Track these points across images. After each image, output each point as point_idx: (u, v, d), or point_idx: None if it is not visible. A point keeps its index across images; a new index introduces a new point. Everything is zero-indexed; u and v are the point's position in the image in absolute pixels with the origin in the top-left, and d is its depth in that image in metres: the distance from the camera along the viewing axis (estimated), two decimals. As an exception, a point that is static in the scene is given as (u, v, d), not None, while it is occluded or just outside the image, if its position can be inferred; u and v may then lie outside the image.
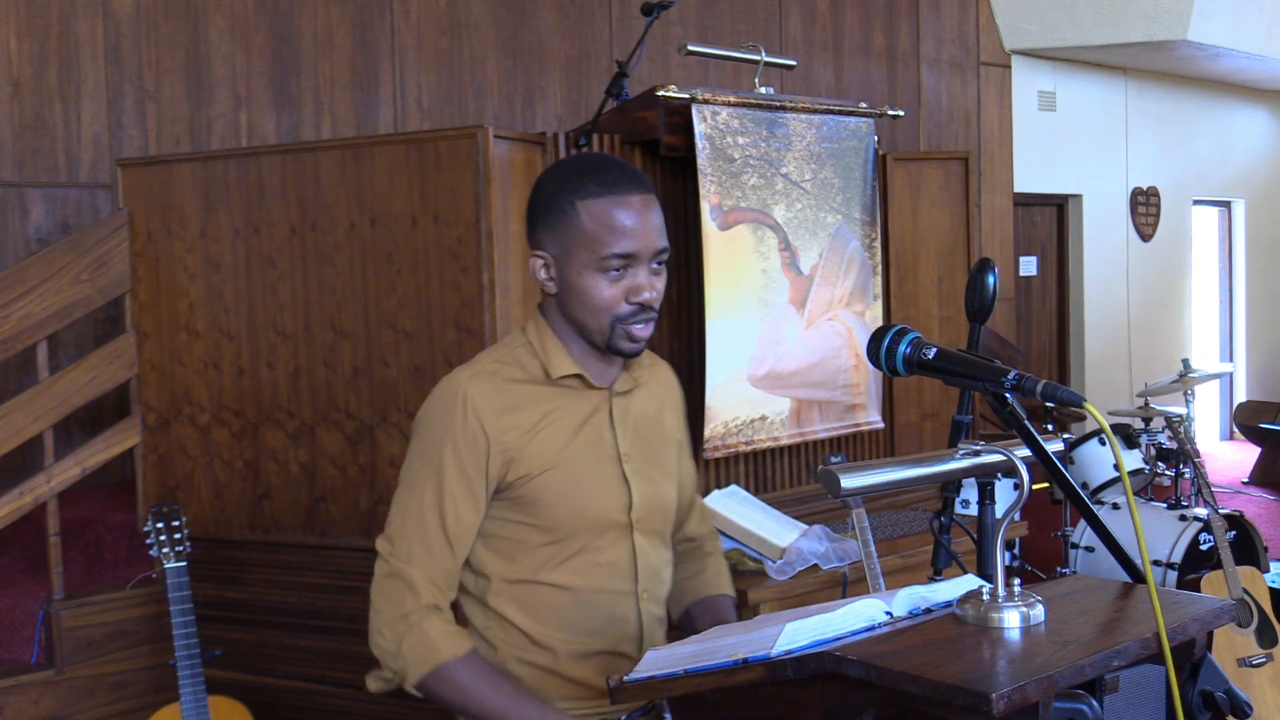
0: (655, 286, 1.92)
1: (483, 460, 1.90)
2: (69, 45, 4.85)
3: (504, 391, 1.93)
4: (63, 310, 3.76)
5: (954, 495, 2.99)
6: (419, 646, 1.88)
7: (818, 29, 7.56)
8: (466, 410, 1.89)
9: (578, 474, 1.95)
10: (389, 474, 3.56)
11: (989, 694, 1.32)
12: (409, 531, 1.91)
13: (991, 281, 2.91)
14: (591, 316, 1.91)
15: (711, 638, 1.73)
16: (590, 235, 1.87)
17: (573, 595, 1.97)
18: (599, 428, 1.99)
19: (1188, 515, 5.39)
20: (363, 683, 2.05)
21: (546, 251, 1.93)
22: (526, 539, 1.95)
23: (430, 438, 1.92)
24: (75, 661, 3.74)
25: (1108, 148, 9.60)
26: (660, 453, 2.08)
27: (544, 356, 1.96)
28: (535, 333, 1.98)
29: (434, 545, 1.90)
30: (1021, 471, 1.66)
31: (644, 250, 1.89)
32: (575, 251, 1.89)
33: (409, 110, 5.82)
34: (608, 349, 1.94)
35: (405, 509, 1.92)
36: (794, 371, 4.08)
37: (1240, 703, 1.63)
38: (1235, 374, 11.14)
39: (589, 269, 1.88)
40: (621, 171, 1.92)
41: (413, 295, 3.49)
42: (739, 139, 3.86)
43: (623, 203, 1.88)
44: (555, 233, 1.91)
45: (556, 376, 1.95)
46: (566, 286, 1.92)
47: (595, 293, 1.89)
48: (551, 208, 1.91)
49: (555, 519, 1.94)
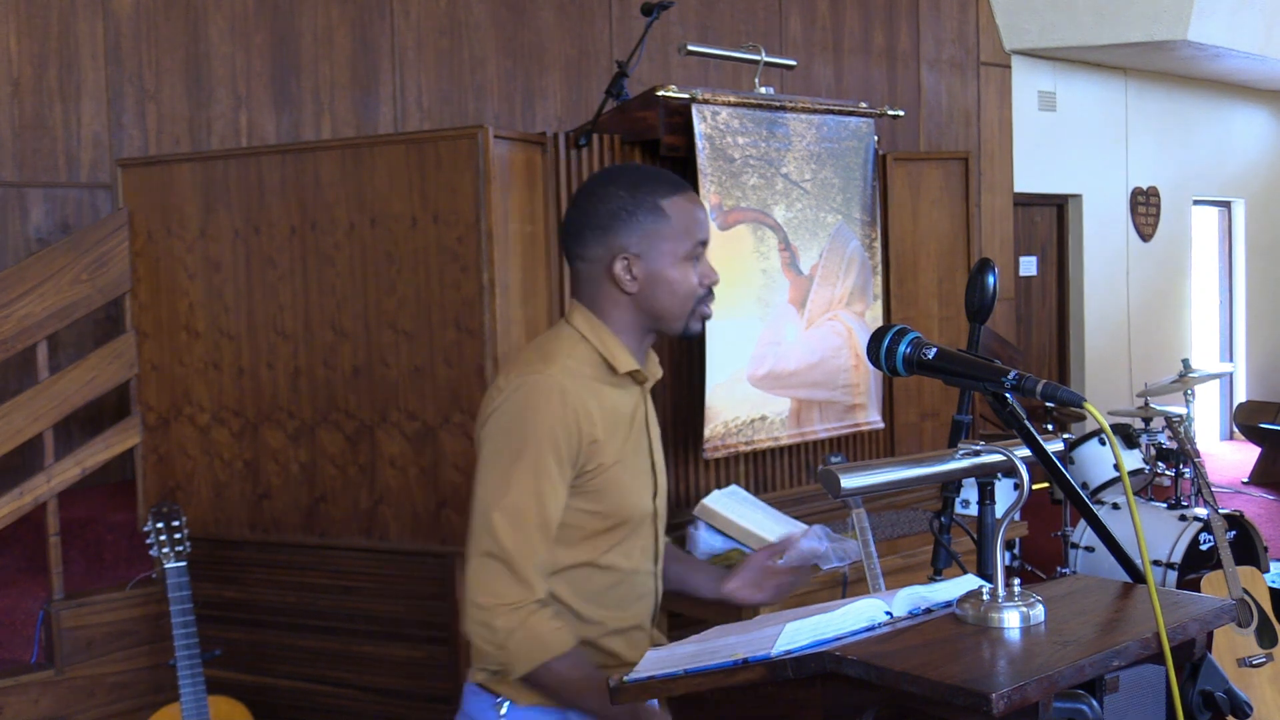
0: (714, 270, 2.15)
1: (575, 454, 2.02)
2: (69, 45, 4.85)
3: (587, 387, 2.05)
4: (63, 310, 3.76)
5: (954, 495, 2.98)
6: (529, 641, 1.98)
7: (818, 29, 7.56)
8: (565, 405, 2.00)
9: (629, 466, 2.12)
10: (389, 474, 3.56)
11: (989, 694, 1.32)
12: (510, 523, 1.99)
13: (991, 281, 2.91)
14: (679, 303, 2.09)
15: (712, 638, 1.73)
16: (679, 228, 2.07)
17: (619, 575, 2.14)
18: (640, 422, 2.16)
19: (1188, 515, 5.39)
20: (363, 682, 2.07)
21: (630, 252, 2.07)
22: (589, 525, 2.08)
23: (526, 429, 2.00)
24: (75, 661, 3.74)
25: (1108, 148, 9.60)
26: (659, 442, 2.26)
27: (607, 353, 2.08)
28: (590, 330, 2.10)
29: (533, 535, 2.00)
30: (1021, 471, 1.66)
31: (709, 237, 2.14)
32: (663, 245, 2.07)
33: (409, 110, 5.82)
34: (682, 332, 2.13)
35: (501, 500, 2.00)
36: (794, 371, 4.08)
37: (1240, 703, 1.63)
38: (1235, 374, 11.14)
39: (679, 259, 2.07)
40: (676, 175, 2.15)
41: (413, 295, 3.49)
42: (739, 139, 3.86)
43: (693, 199, 2.13)
44: (643, 232, 2.06)
45: (622, 373, 2.09)
46: (653, 280, 2.07)
47: (685, 280, 2.08)
48: (635, 210, 2.07)
49: (616, 507, 2.09)
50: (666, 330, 2.13)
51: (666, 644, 1.81)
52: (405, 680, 3.57)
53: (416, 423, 3.51)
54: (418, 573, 3.52)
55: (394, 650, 3.57)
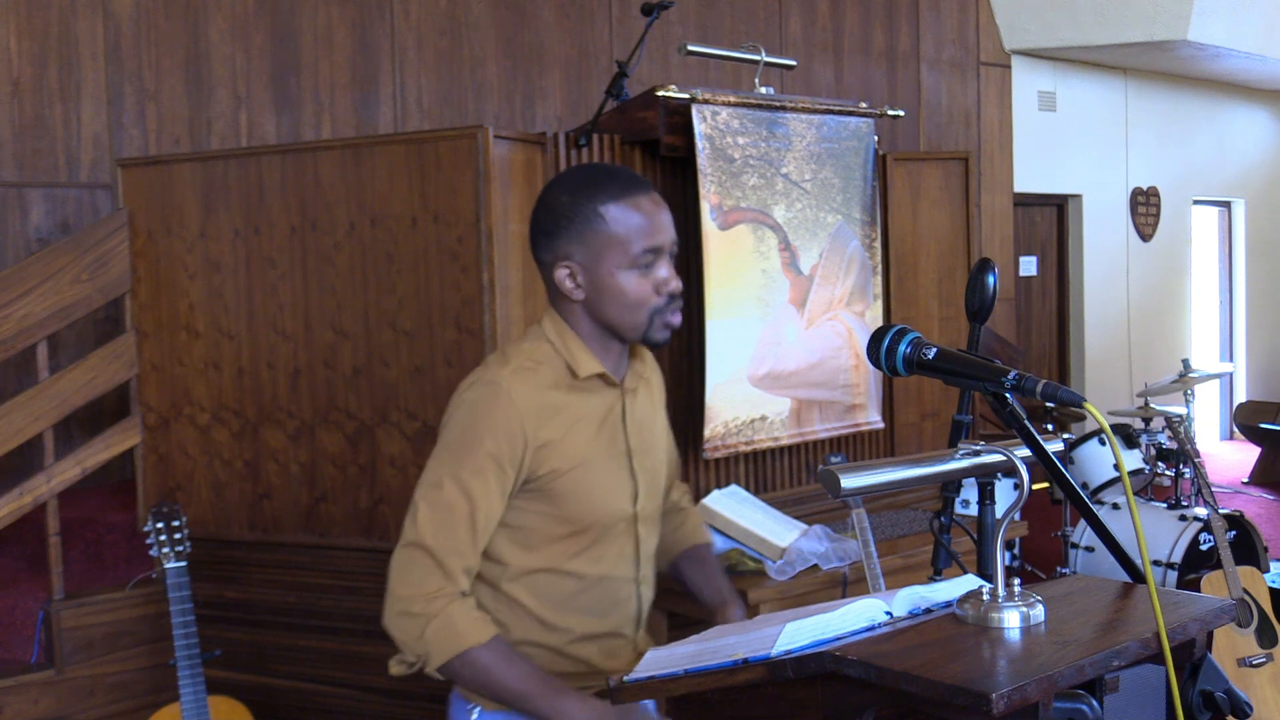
0: (677, 276, 2.05)
1: (518, 457, 1.98)
2: (69, 45, 4.85)
3: (539, 391, 2.01)
4: (63, 310, 3.76)
5: (954, 495, 2.99)
6: (444, 631, 1.95)
7: (818, 29, 7.56)
8: (510, 407, 1.97)
9: (598, 470, 2.06)
10: (389, 474, 3.56)
11: (989, 694, 1.32)
12: (438, 516, 1.96)
13: (991, 281, 2.91)
14: (629, 313, 2.01)
15: (712, 638, 1.73)
16: (620, 236, 1.98)
17: (585, 582, 2.08)
18: (615, 425, 2.10)
19: (1188, 515, 5.38)
20: (363, 682, 2.06)
21: (573, 260, 2.01)
22: (549, 530, 2.04)
23: (469, 429, 1.98)
24: (75, 661, 3.74)
25: (1108, 148, 9.60)
26: (655, 445, 2.21)
27: (569, 357, 2.04)
28: (556, 334, 2.06)
29: (459, 533, 1.97)
30: (1021, 471, 1.65)
31: (666, 243, 2.02)
32: (605, 254, 1.99)
33: (409, 110, 5.82)
34: (644, 341, 2.06)
35: (435, 495, 1.97)
36: (794, 371, 4.08)
37: (1240, 703, 1.63)
38: (1235, 374, 11.14)
39: (622, 268, 1.99)
40: (630, 175, 2.06)
41: (413, 295, 3.49)
42: (739, 139, 3.86)
43: (642, 202, 2.01)
44: (581, 240, 2.00)
45: (583, 376, 2.04)
46: (599, 289, 2.01)
47: (631, 290, 2.00)
48: (575, 217, 2.00)
49: (578, 512, 2.04)
50: (626, 340, 2.07)
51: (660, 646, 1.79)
52: (405, 680, 3.55)
53: (416, 423, 3.51)
54: (418, 573, 3.51)
55: (394, 650, 3.56)
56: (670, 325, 2.05)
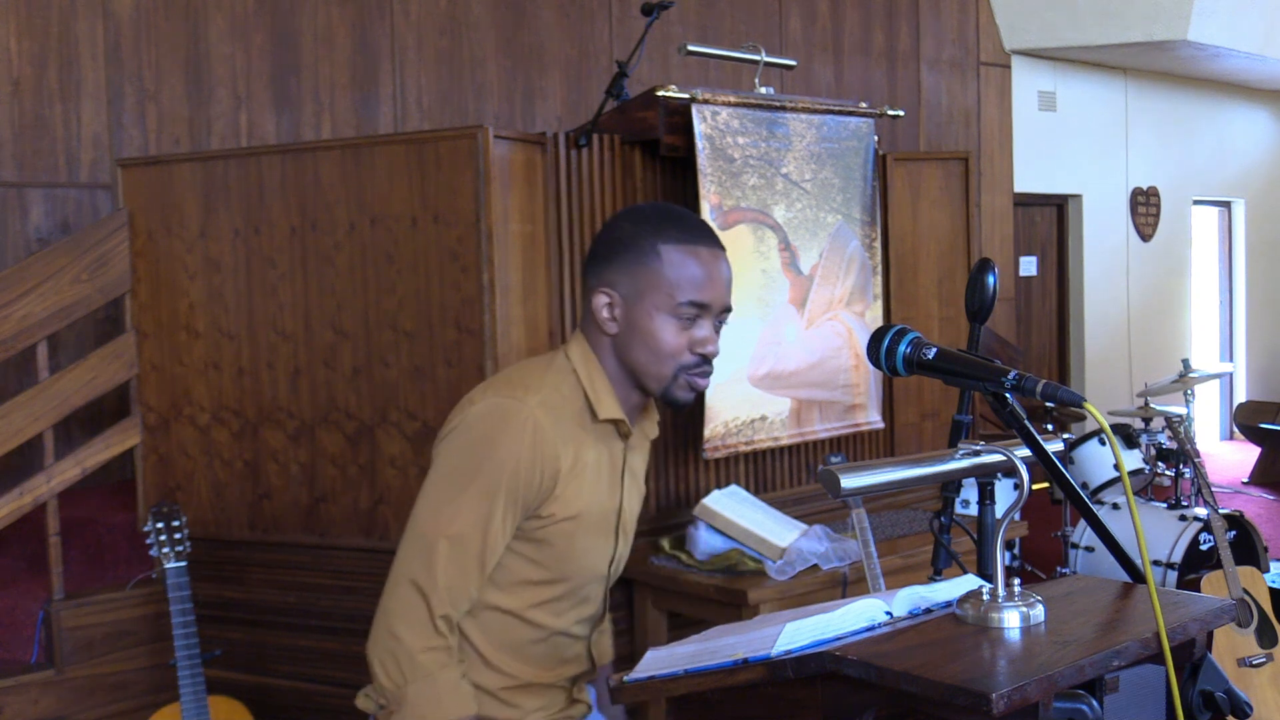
0: (717, 342, 1.93)
1: (533, 496, 1.88)
2: (69, 45, 4.85)
3: (563, 429, 1.90)
4: (63, 310, 3.76)
5: (954, 495, 2.98)
6: (425, 695, 1.85)
7: (818, 29, 7.56)
8: (536, 441, 1.86)
9: (589, 524, 1.96)
10: (389, 474, 3.56)
11: (989, 694, 1.32)
12: (451, 550, 1.85)
13: (991, 281, 2.91)
14: (655, 362, 1.91)
15: (712, 638, 1.73)
16: (670, 279, 1.88)
17: (541, 632, 1.99)
18: (614, 481, 2.00)
19: (1188, 515, 5.38)
20: (363, 682, 2.04)
21: (616, 291, 1.91)
22: (525, 573, 1.95)
23: (489, 459, 1.85)
24: (75, 661, 3.74)
25: (1108, 148, 9.60)
26: (637, 505, 2.12)
27: (593, 395, 1.93)
28: (584, 367, 1.95)
29: (470, 568, 1.87)
30: (1021, 471, 1.66)
31: (716, 303, 1.91)
32: (649, 293, 1.89)
33: (409, 110, 5.82)
34: (662, 397, 1.95)
35: (449, 527, 1.86)
36: (794, 371, 4.08)
37: (1240, 703, 1.63)
38: (1235, 374, 11.14)
39: (661, 312, 1.89)
40: (703, 225, 1.97)
41: (413, 295, 3.49)
42: (739, 139, 3.86)
43: (704, 253, 1.90)
44: (630, 272, 1.90)
45: (603, 419, 1.94)
46: (632, 327, 1.91)
47: (664, 337, 1.89)
48: (630, 247, 1.90)
49: (558, 563, 1.95)
50: (647, 389, 1.95)
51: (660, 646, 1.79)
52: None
53: (416, 423, 3.50)
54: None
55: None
56: (696, 388, 1.94)
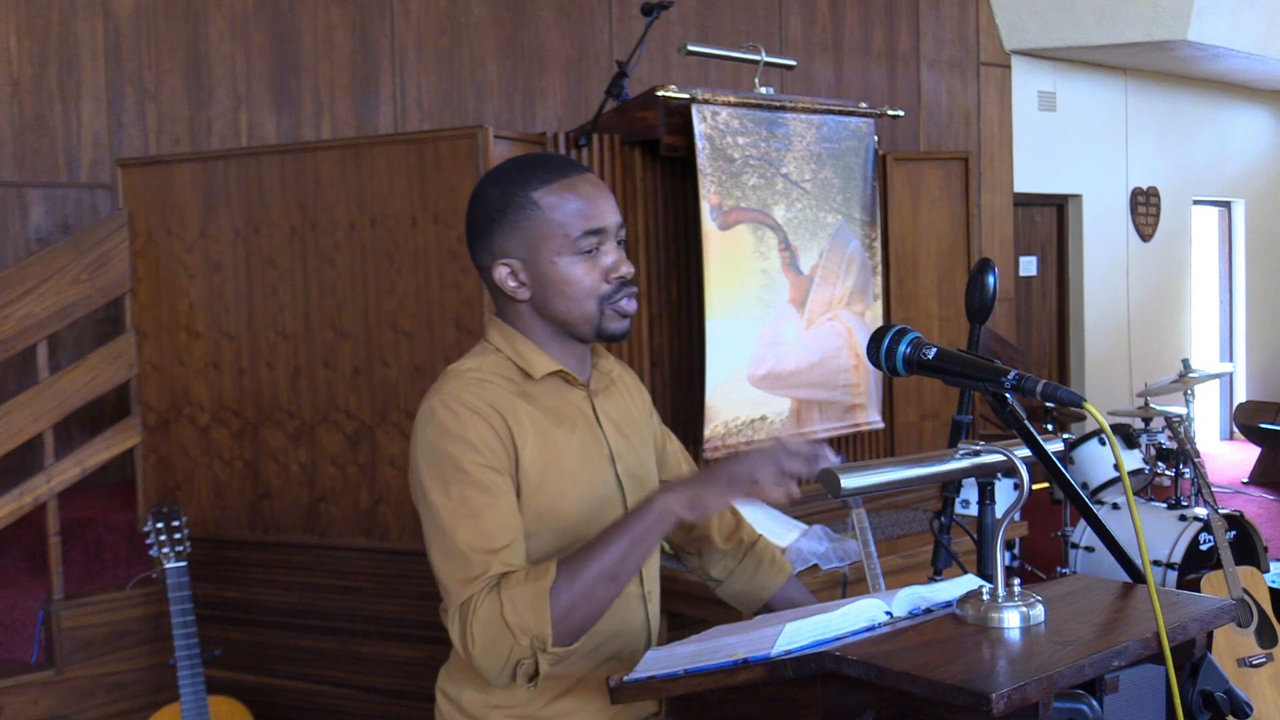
0: (627, 260, 1.90)
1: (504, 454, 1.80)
2: (69, 45, 4.85)
3: (492, 393, 1.85)
4: (63, 310, 3.76)
5: (954, 495, 2.98)
6: (521, 612, 1.70)
7: (818, 29, 7.56)
8: (474, 409, 1.80)
9: (577, 476, 1.90)
10: (389, 474, 3.56)
11: (989, 694, 1.32)
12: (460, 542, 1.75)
13: (991, 281, 2.90)
14: (577, 304, 1.86)
15: (711, 637, 1.73)
16: (557, 221, 1.84)
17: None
18: (589, 426, 1.94)
19: (1188, 515, 5.38)
20: (363, 682, 2.04)
21: (512, 256, 1.86)
22: (543, 545, 1.86)
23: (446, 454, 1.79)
24: (75, 661, 3.74)
25: (1108, 148, 9.60)
26: (641, 451, 2.05)
27: (520, 359, 1.89)
28: (502, 339, 1.91)
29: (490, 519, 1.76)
30: (1021, 471, 1.65)
31: (610, 224, 1.87)
32: (543, 244, 1.84)
33: (409, 110, 5.82)
34: (599, 334, 1.89)
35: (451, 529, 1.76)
36: (794, 371, 4.08)
37: (1240, 703, 1.62)
38: (1235, 374, 11.14)
39: (564, 255, 1.84)
40: (563, 160, 1.91)
41: (413, 295, 3.49)
42: (739, 139, 3.86)
43: (578, 182, 1.86)
44: (517, 233, 1.85)
45: (540, 376, 1.89)
46: (542, 284, 1.86)
47: (575, 278, 1.85)
48: (506, 209, 1.85)
49: (565, 522, 1.87)
50: (581, 336, 1.90)
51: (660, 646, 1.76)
52: (405, 680, 3.57)
53: (416, 423, 3.50)
54: (417, 573, 3.51)
55: (394, 650, 3.57)
56: (625, 313, 1.88)
